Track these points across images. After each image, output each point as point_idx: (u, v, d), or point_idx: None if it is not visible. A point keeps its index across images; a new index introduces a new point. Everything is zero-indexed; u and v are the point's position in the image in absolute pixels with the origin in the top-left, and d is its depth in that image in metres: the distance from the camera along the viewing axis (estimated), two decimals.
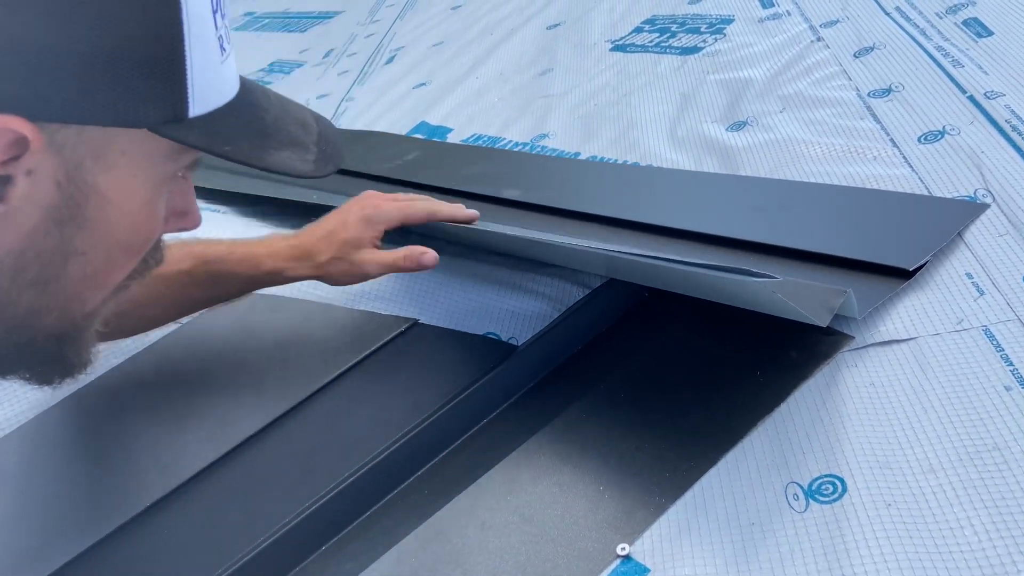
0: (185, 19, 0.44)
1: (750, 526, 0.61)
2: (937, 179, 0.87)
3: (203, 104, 0.46)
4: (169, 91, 0.44)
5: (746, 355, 0.75)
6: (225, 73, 0.48)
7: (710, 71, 1.30)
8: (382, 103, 1.72)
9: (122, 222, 0.47)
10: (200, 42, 0.45)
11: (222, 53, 0.47)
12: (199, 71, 0.45)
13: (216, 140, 0.46)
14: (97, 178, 0.45)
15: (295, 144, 0.51)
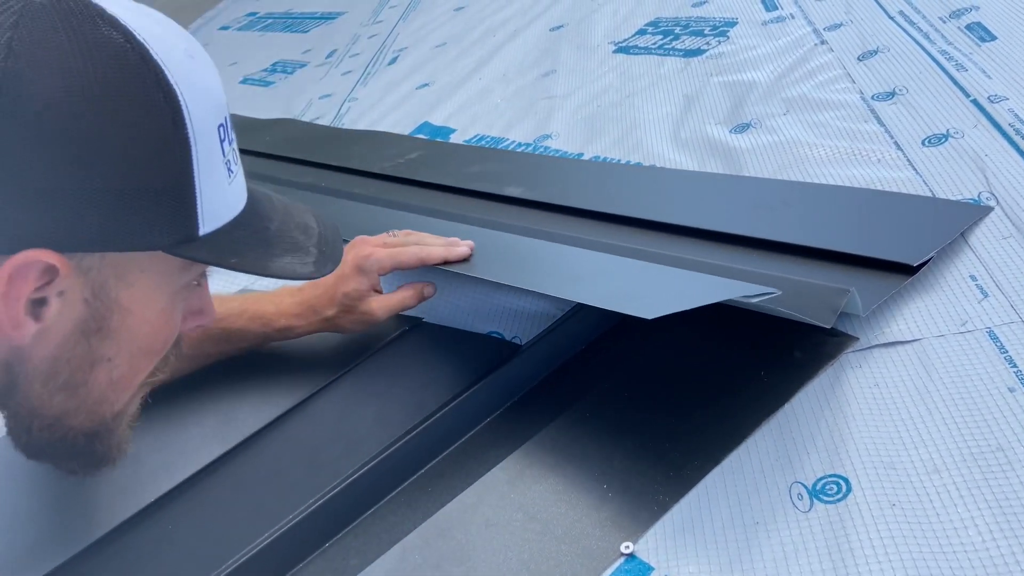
0: (195, 155, 0.49)
1: (754, 525, 0.61)
2: (941, 182, 0.88)
3: (212, 222, 0.51)
4: (181, 217, 0.49)
5: (750, 355, 0.75)
6: (232, 192, 0.53)
7: (713, 73, 1.30)
8: (385, 103, 1.72)
9: (143, 330, 0.52)
10: (208, 171, 0.50)
11: (229, 175, 0.52)
12: (208, 196, 0.50)
13: (224, 254, 0.51)
14: (120, 293, 0.50)
15: (296, 249, 0.56)
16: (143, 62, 0.47)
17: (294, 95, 2.02)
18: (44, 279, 0.46)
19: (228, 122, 0.53)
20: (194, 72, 0.50)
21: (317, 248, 0.58)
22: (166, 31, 0.50)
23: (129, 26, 0.47)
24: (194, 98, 0.49)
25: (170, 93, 0.47)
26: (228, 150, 0.52)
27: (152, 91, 0.47)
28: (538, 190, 1.13)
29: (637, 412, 0.75)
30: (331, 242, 0.60)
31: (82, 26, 0.45)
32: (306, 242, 0.58)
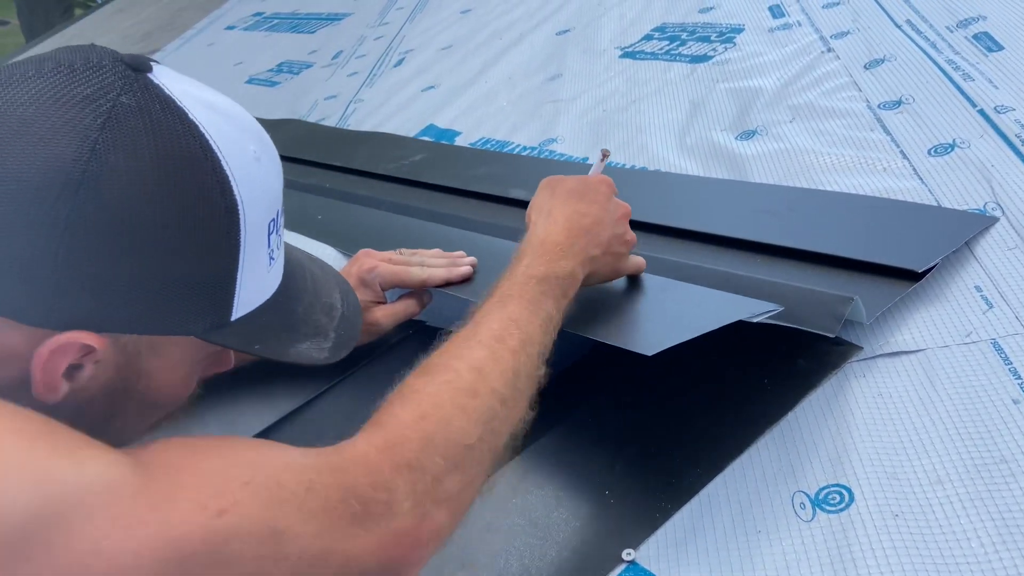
0: (242, 254, 0.51)
1: (756, 534, 0.61)
2: (947, 192, 0.87)
3: (244, 308, 0.53)
4: (217, 307, 0.52)
5: (754, 363, 0.75)
6: (269, 278, 0.56)
7: (720, 79, 1.30)
8: (391, 105, 1.73)
9: (161, 391, 0.54)
10: (252, 264, 0.52)
11: (270, 263, 0.55)
12: (246, 286, 0.53)
13: (249, 341, 0.54)
14: (149, 363, 0.52)
15: (317, 334, 0.59)
16: (213, 172, 0.49)
17: (300, 96, 2.03)
18: (82, 353, 0.49)
19: (279, 214, 0.56)
20: (258, 175, 0.52)
21: (335, 332, 0.60)
22: (240, 132, 0.52)
23: (207, 133, 0.49)
24: (252, 201, 0.51)
25: (231, 202, 0.50)
26: (274, 240, 0.55)
27: (216, 200, 0.50)
28: None
29: (639, 418, 0.75)
30: (350, 323, 0.62)
31: (163, 133, 0.48)
32: (327, 325, 0.60)
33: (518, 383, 0.60)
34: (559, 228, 0.70)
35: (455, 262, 0.85)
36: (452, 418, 0.56)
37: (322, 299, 0.61)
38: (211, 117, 0.50)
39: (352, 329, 0.62)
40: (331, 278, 0.65)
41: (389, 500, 0.51)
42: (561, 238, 0.69)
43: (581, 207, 0.72)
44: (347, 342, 0.60)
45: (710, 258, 0.86)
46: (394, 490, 0.51)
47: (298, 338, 0.57)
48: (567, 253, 0.69)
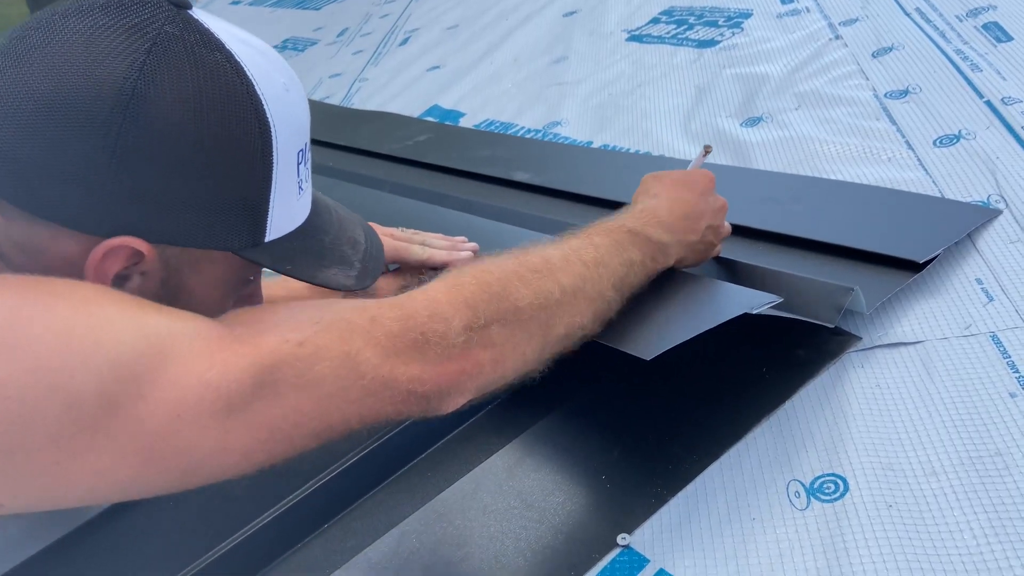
0: (275, 177, 0.56)
1: (751, 521, 0.62)
2: (951, 183, 0.87)
3: (277, 232, 0.58)
4: (253, 226, 0.56)
5: (753, 351, 0.75)
6: (299, 206, 0.60)
7: (726, 65, 1.29)
8: (395, 84, 1.72)
9: (199, 310, 0.56)
10: (283, 190, 0.57)
11: (299, 192, 0.59)
12: (278, 210, 0.57)
13: (281, 261, 0.58)
14: (190, 279, 0.56)
15: (343, 262, 0.62)
16: (248, 96, 0.53)
17: (304, 73, 2.02)
18: (132, 260, 0.53)
19: (307, 146, 0.59)
20: (287, 104, 0.56)
21: (361, 263, 0.64)
22: (271, 66, 0.56)
23: (241, 62, 0.53)
24: (283, 128, 0.55)
25: (264, 125, 0.54)
26: (303, 171, 0.59)
27: (251, 122, 0.54)
28: (546, 176, 1.13)
29: (638, 404, 0.75)
30: (375, 257, 0.66)
31: (203, 59, 0.52)
32: (353, 256, 0.64)
33: (583, 287, 0.64)
34: (663, 206, 0.73)
35: (456, 246, 0.86)
36: (511, 279, 0.60)
37: (347, 233, 0.65)
38: (244, 49, 0.54)
39: (376, 263, 0.66)
40: (355, 218, 0.69)
41: (445, 331, 0.55)
42: (663, 214, 0.72)
43: (684, 194, 0.74)
44: (372, 272, 0.64)
45: None
46: (450, 320, 0.56)
47: (326, 264, 0.61)
48: (665, 227, 0.71)
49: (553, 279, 0.62)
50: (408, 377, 0.54)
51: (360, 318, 0.54)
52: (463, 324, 0.56)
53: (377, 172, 1.29)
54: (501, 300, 0.59)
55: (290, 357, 0.50)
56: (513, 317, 0.59)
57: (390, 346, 0.54)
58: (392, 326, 0.54)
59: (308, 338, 0.51)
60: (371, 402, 0.53)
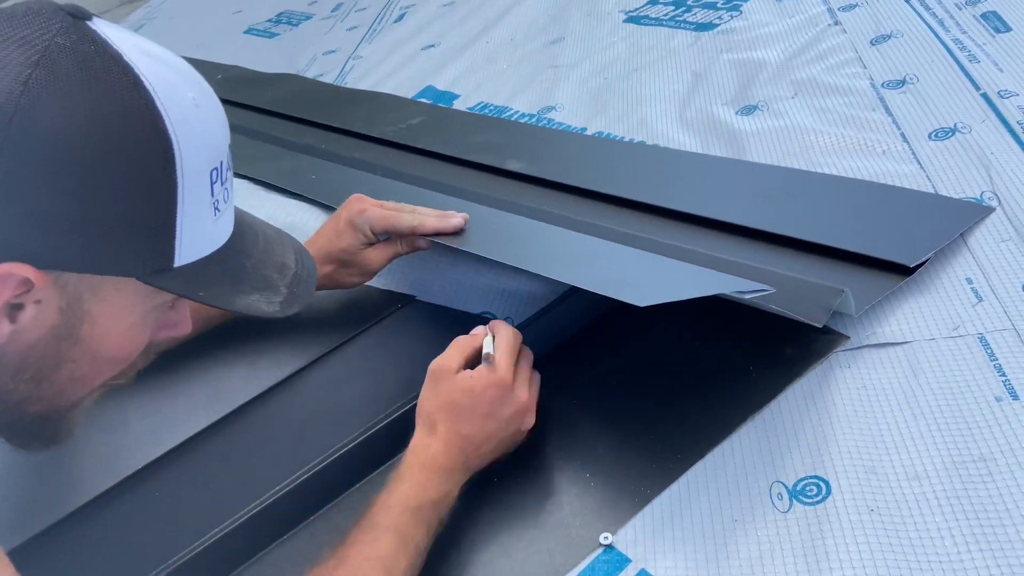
0: (180, 197, 0.52)
1: (732, 523, 0.62)
2: (945, 178, 0.87)
3: (189, 256, 0.54)
4: (158, 250, 0.53)
5: (740, 349, 0.75)
6: (215, 229, 0.57)
7: (724, 50, 1.28)
8: (390, 63, 1.70)
9: (109, 340, 0.55)
10: (192, 209, 0.53)
11: (215, 214, 0.56)
12: (188, 232, 0.53)
13: (193, 287, 0.55)
14: (92, 307, 0.53)
15: (266, 288, 0.59)
16: (146, 110, 0.50)
17: (298, 49, 1.99)
18: (22, 289, 0.50)
19: (224, 164, 0.56)
20: (197, 121, 0.53)
21: (288, 288, 0.61)
22: (180, 80, 0.54)
23: (142, 75, 0.51)
24: (190, 146, 0.52)
25: (165, 142, 0.51)
26: (219, 190, 0.56)
27: (149, 138, 0.50)
28: (539, 165, 1.11)
29: (624, 401, 0.75)
30: (304, 282, 0.63)
31: (97, 72, 0.49)
32: (279, 281, 0.61)
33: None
34: (441, 449, 0.67)
35: (446, 214, 0.84)
36: None
37: (274, 257, 0.62)
38: (147, 61, 0.52)
39: (305, 288, 0.63)
40: (285, 240, 0.66)
41: None
42: (442, 460, 0.67)
43: (464, 427, 0.68)
44: (299, 298, 0.61)
45: (704, 242, 0.85)
46: None
47: (246, 290, 0.58)
48: (449, 474, 0.67)
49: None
50: None
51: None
52: None
53: (370, 156, 1.28)
54: None
55: None
56: None
57: None
58: None
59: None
60: None
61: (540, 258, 0.82)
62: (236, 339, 0.85)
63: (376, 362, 0.83)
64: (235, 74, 1.90)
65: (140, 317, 0.57)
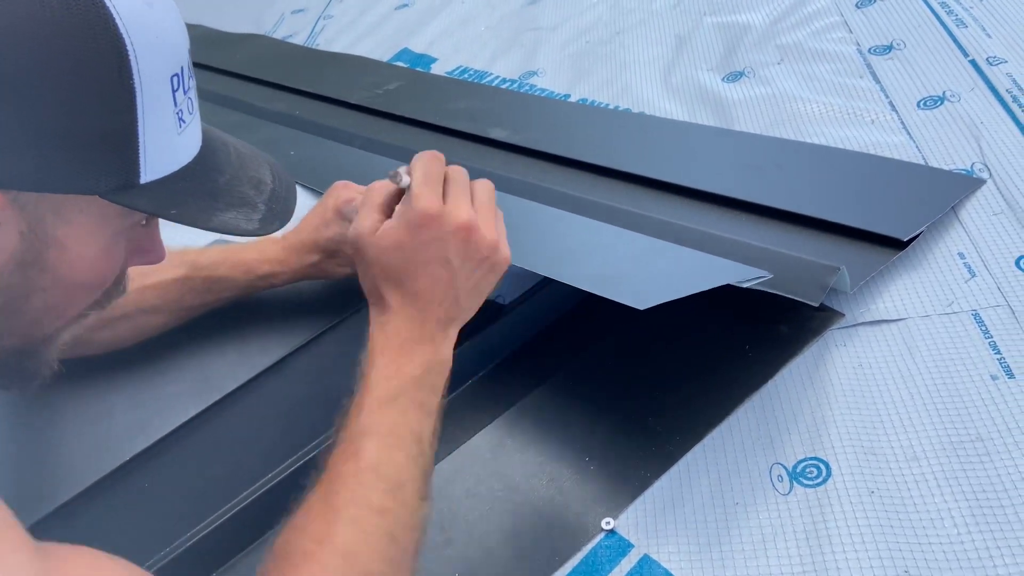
0: (139, 104, 0.48)
1: (734, 506, 0.62)
2: (935, 148, 0.86)
3: (155, 172, 0.50)
4: (120, 163, 0.48)
5: (735, 328, 0.75)
6: (181, 143, 0.52)
7: (707, 12, 1.26)
8: (362, 24, 1.65)
9: (79, 265, 0.51)
10: (154, 119, 0.49)
11: (180, 125, 0.51)
12: (152, 144, 0.49)
13: (164, 204, 0.50)
14: (57, 230, 0.50)
15: (243, 204, 0.54)
16: (93, 7, 0.46)
17: (265, 7, 1.93)
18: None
19: (185, 71, 0.51)
20: (150, 20, 0.48)
21: (266, 205, 0.56)
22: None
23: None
24: (145, 47, 0.48)
25: (118, 41, 0.46)
26: (181, 99, 0.51)
27: (99, 37, 0.46)
28: (523, 134, 1.10)
29: (621, 382, 0.74)
30: (283, 199, 0.57)
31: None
32: (256, 198, 0.56)
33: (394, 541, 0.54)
34: (400, 322, 0.59)
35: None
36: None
37: (248, 173, 0.57)
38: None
39: (285, 204, 0.58)
40: (260, 157, 0.60)
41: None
42: (405, 333, 0.59)
43: (411, 286, 0.59)
44: (280, 215, 0.56)
45: (695, 216, 0.84)
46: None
47: (221, 207, 0.53)
48: (420, 344, 0.59)
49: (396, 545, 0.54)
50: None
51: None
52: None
53: (347, 124, 1.25)
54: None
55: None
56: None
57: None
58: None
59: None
60: None
61: (532, 251, 0.80)
62: (223, 326, 0.83)
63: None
64: (199, 33, 1.84)
65: (110, 240, 0.53)
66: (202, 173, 0.53)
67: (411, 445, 0.57)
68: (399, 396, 0.58)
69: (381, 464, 0.56)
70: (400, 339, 0.59)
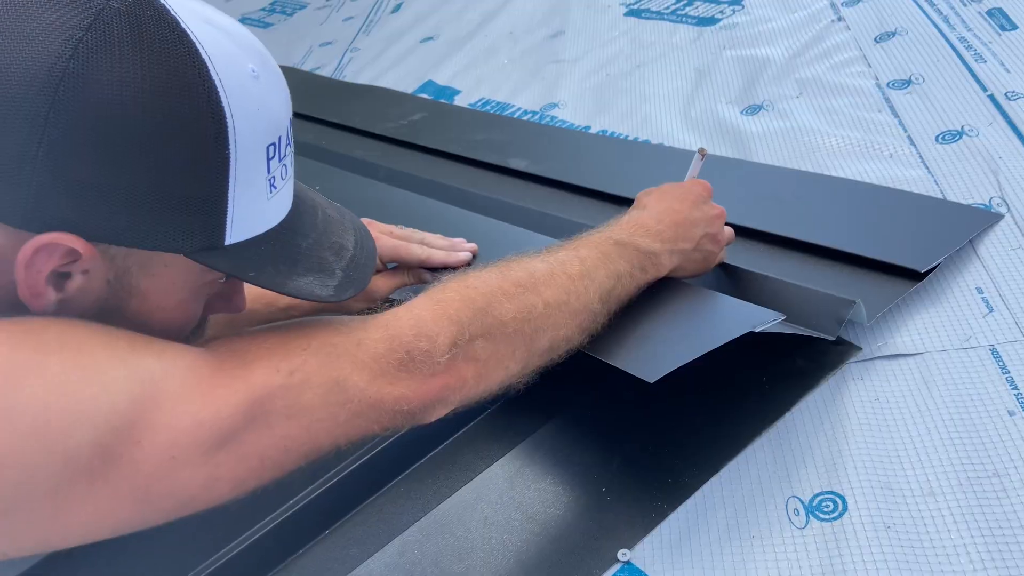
0: (232, 172, 0.50)
1: (750, 539, 0.62)
2: (952, 183, 0.87)
3: (241, 234, 0.52)
4: (207, 226, 0.51)
5: (753, 360, 0.75)
6: (270, 207, 0.54)
7: (727, 46, 1.27)
8: (388, 56, 1.69)
9: (157, 316, 0.54)
10: (246, 187, 0.51)
11: (271, 191, 0.53)
12: (240, 209, 0.51)
13: (243, 267, 0.53)
14: (141, 281, 0.52)
15: (321, 270, 0.57)
16: (199, 79, 0.48)
17: (294, 40, 1.98)
18: (68, 259, 0.49)
19: (283, 140, 0.54)
20: (255, 93, 0.51)
21: (344, 272, 0.58)
22: (239, 50, 0.51)
23: (198, 43, 0.48)
24: (244, 118, 0.50)
25: (218, 112, 0.49)
26: (275, 167, 0.53)
27: (201, 108, 0.48)
28: (543, 164, 1.11)
29: (637, 413, 0.75)
30: (361, 266, 0.60)
31: (149, 38, 0.47)
32: (335, 264, 0.58)
33: (568, 301, 0.63)
34: (650, 215, 0.72)
35: (455, 246, 0.85)
36: (495, 294, 0.60)
37: (332, 238, 0.60)
38: (206, 29, 0.49)
39: (363, 271, 0.60)
40: (348, 221, 0.63)
41: (430, 349, 0.56)
42: (651, 223, 0.71)
43: (674, 204, 0.73)
44: (356, 282, 0.59)
45: None
46: (435, 337, 0.56)
47: (300, 272, 0.56)
48: (654, 236, 0.70)
49: (537, 293, 0.62)
50: (394, 397, 0.55)
51: (347, 341, 0.54)
52: (448, 341, 0.57)
53: (371, 154, 1.27)
54: (485, 315, 0.59)
55: (280, 389, 0.51)
56: (497, 331, 0.59)
57: (377, 368, 0.54)
58: (378, 347, 0.55)
59: (297, 367, 0.52)
60: (358, 422, 0.54)
61: None
62: None
63: None
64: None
65: (190, 294, 0.55)
66: (286, 237, 0.56)
67: (612, 272, 0.66)
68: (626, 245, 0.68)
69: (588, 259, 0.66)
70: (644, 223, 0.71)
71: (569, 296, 0.63)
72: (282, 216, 0.56)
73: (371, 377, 0.54)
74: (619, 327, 0.67)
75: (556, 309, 0.62)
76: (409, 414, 0.56)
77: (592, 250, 0.67)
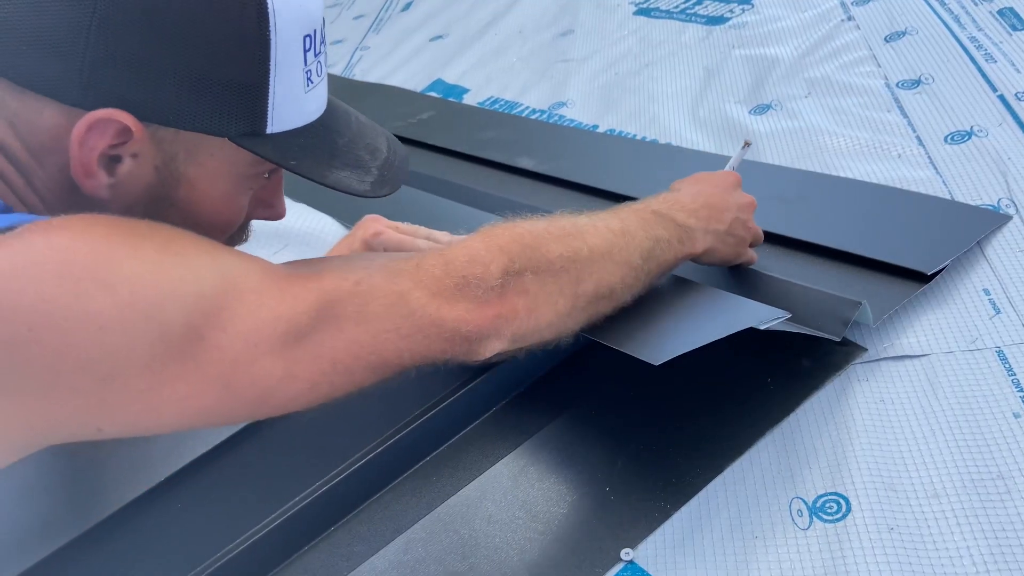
0: (273, 56, 0.53)
1: (753, 539, 0.62)
2: (961, 184, 0.86)
3: (281, 124, 0.55)
4: (250, 110, 0.53)
5: (757, 360, 0.75)
6: (308, 100, 0.57)
7: (736, 45, 1.27)
8: (398, 55, 1.69)
9: (205, 207, 0.56)
10: (285, 74, 0.54)
11: (308, 84, 0.56)
12: (281, 97, 0.54)
13: (285, 155, 0.55)
14: (188, 169, 0.55)
15: (358, 166, 0.59)
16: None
17: None
18: (120, 139, 0.51)
19: (318, 35, 0.56)
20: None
21: (379, 170, 0.60)
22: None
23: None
24: (285, 7, 0.53)
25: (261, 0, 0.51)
26: (311, 60, 0.56)
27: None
28: (551, 163, 1.11)
29: (641, 413, 0.75)
30: (396, 168, 0.63)
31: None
32: (370, 162, 0.61)
33: (611, 251, 0.64)
34: (685, 195, 0.73)
35: None
36: (541, 235, 0.62)
37: (366, 139, 0.62)
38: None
39: (397, 172, 0.63)
40: (378, 129, 0.66)
41: (483, 274, 0.58)
42: (686, 201, 0.72)
43: (707, 188, 0.75)
44: (390, 181, 0.61)
45: None
46: (488, 264, 0.58)
47: (338, 166, 0.58)
48: (689, 213, 0.71)
49: (582, 239, 0.63)
50: (453, 317, 0.57)
51: (406, 265, 0.57)
52: (500, 268, 0.58)
53: None
54: (534, 250, 0.60)
55: (348, 294, 0.53)
56: (545, 267, 0.60)
57: (435, 287, 0.56)
58: (435, 270, 0.57)
59: (363, 279, 0.54)
60: (421, 339, 0.56)
61: None
62: None
63: None
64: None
65: (235, 185, 0.58)
66: (323, 133, 0.58)
67: (652, 236, 0.67)
68: (662, 215, 0.69)
69: (628, 221, 0.67)
70: (679, 201, 0.72)
71: (612, 247, 0.64)
72: (319, 113, 0.58)
73: (430, 295, 0.56)
74: (626, 318, 0.67)
75: (600, 256, 0.64)
76: (466, 339, 0.58)
77: (631, 214, 0.69)
